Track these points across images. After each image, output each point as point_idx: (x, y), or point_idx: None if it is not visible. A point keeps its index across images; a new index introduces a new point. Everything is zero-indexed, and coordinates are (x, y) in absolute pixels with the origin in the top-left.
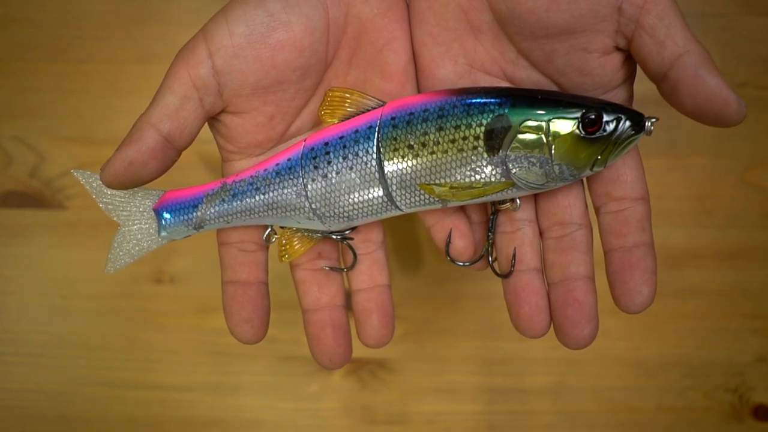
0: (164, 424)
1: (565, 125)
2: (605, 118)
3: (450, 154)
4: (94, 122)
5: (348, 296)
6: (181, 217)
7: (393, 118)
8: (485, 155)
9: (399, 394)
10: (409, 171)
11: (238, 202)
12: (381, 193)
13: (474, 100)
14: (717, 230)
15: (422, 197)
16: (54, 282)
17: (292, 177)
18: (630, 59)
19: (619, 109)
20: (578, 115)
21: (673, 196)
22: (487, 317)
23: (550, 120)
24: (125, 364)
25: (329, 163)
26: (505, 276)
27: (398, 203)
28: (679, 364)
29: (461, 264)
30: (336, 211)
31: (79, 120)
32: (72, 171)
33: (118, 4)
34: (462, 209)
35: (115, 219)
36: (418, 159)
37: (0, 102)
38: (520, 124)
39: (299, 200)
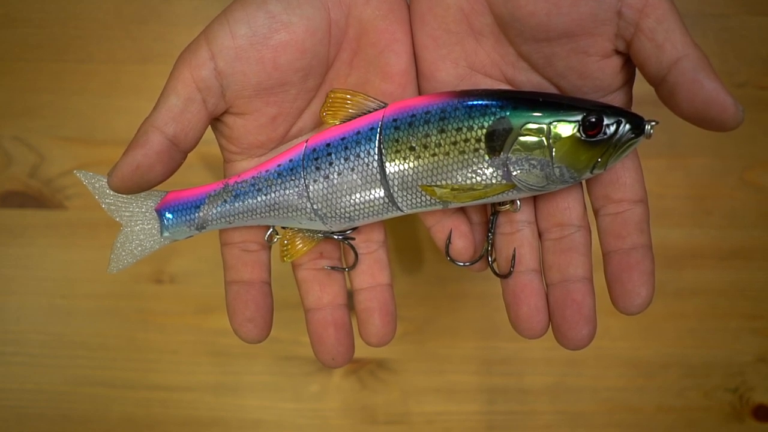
0: (164, 424)
1: (566, 128)
2: (606, 121)
3: (451, 156)
4: (94, 122)
5: (350, 296)
6: (184, 218)
7: (395, 120)
8: (486, 157)
9: (399, 394)
10: (411, 172)
11: (240, 203)
12: (382, 194)
13: (475, 103)
14: (716, 230)
15: (423, 198)
16: (54, 282)
17: (293, 178)
18: (629, 62)
19: (619, 113)
20: (579, 118)
21: (672, 196)
22: (487, 317)
23: (551, 123)
24: (125, 364)
25: (331, 164)
26: (504, 276)
27: (399, 204)
28: (678, 364)
29: (461, 264)
30: (337, 211)
31: (79, 120)
32: (75, 172)
33: (118, 4)
34: (462, 210)
35: (117, 219)
36: (420, 160)
37: (0, 102)
38: (522, 126)
39: (301, 201)
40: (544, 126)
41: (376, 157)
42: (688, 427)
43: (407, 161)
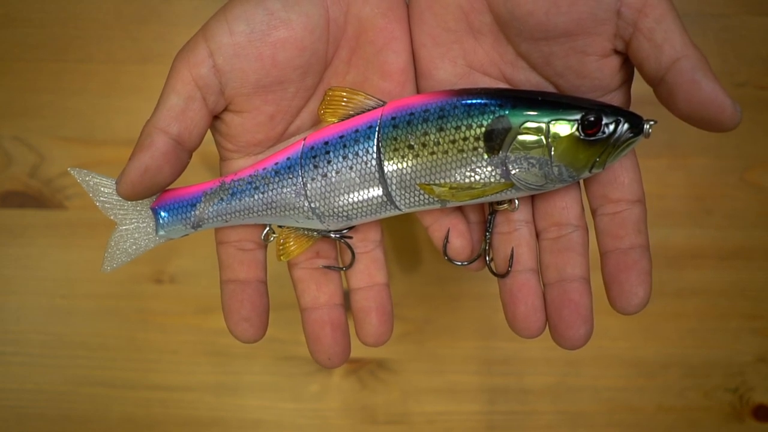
0: (164, 424)
1: (564, 127)
2: (604, 120)
3: (450, 154)
4: (94, 122)
5: (346, 295)
6: (179, 216)
7: (393, 118)
8: (485, 156)
9: (399, 394)
10: (409, 171)
11: (237, 201)
12: (380, 192)
13: (474, 101)
14: (716, 230)
15: (422, 197)
16: (54, 282)
17: (291, 176)
18: (628, 62)
19: (618, 112)
20: (578, 117)
21: (672, 196)
22: (487, 317)
23: (550, 122)
24: (125, 364)
25: (329, 162)
26: (501, 276)
27: (397, 203)
28: (679, 364)
29: (459, 263)
30: (335, 210)
31: (79, 120)
32: (69, 169)
33: (118, 4)
34: (460, 209)
35: (112, 218)
36: (418, 159)
37: (0, 102)
38: (521, 125)
39: (298, 199)
40: (543, 125)
41: (374, 156)
42: (688, 427)
43: (406, 160)
